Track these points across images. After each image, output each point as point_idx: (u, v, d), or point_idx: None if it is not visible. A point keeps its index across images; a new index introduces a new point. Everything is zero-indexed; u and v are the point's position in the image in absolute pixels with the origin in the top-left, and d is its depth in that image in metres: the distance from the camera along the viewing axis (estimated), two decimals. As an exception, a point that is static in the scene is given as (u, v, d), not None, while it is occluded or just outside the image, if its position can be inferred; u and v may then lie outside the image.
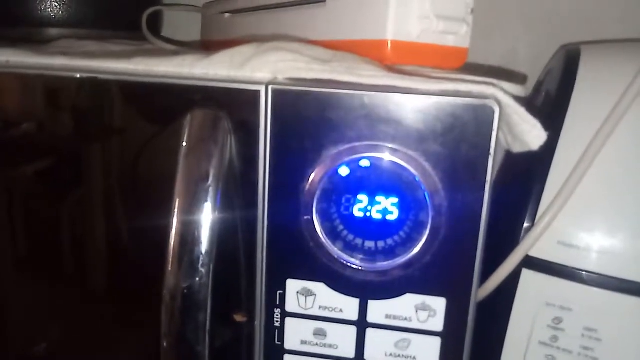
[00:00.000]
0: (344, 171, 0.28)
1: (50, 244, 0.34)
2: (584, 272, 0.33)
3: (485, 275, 0.34)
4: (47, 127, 0.32)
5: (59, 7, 0.46)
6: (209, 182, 0.27)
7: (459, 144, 0.27)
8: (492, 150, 0.27)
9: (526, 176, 0.37)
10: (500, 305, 0.35)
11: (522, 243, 0.34)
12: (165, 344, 0.27)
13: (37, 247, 0.35)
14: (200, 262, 0.26)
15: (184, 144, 0.28)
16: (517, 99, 0.28)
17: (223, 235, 0.28)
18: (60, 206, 0.33)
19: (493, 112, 0.26)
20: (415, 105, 0.27)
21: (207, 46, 0.55)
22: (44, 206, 0.34)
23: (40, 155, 0.33)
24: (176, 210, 0.27)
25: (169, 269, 0.26)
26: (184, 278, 0.26)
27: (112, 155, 0.32)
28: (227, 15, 0.49)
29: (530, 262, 0.34)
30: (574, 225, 0.34)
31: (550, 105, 0.39)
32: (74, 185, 0.33)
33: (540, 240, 0.34)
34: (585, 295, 0.33)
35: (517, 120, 0.29)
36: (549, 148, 0.35)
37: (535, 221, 0.34)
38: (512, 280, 0.35)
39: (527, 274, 0.35)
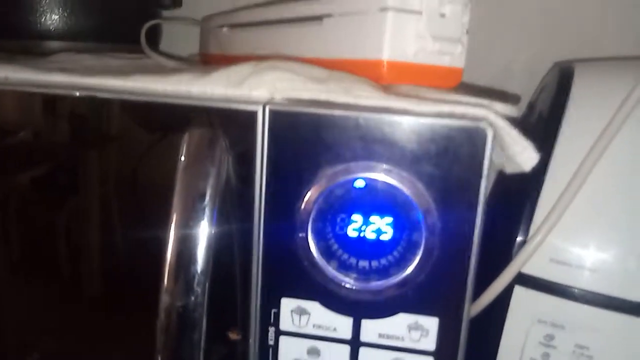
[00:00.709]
0: (339, 191, 0.28)
1: (48, 259, 0.34)
2: (575, 289, 0.33)
3: (478, 292, 0.34)
4: (45, 143, 0.32)
5: (58, 20, 0.46)
6: (206, 202, 0.27)
7: (453, 165, 0.27)
8: (484, 172, 0.27)
9: (519, 193, 0.37)
10: (492, 322, 0.36)
11: (514, 260, 0.34)
12: (159, 360, 0.27)
13: (34, 261, 0.35)
14: (196, 281, 0.26)
15: (181, 163, 0.28)
16: (510, 119, 0.29)
17: (219, 254, 0.28)
18: (58, 222, 0.34)
19: (486, 135, 0.27)
20: (410, 126, 0.27)
21: (206, 60, 0.55)
22: (41, 222, 0.34)
23: (38, 171, 0.33)
24: (172, 229, 0.27)
25: (165, 287, 0.26)
26: (179, 297, 0.26)
27: (110, 173, 0.32)
28: (225, 29, 0.49)
29: (523, 279, 0.34)
30: (566, 243, 0.34)
31: (544, 122, 0.39)
32: (72, 202, 0.33)
33: (533, 257, 0.34)
34: (577, 312, 0.33)
35: (509, 142, 0.29)
36: (542, 165, 0.35)
37: (528, 238, 0.35)
38: (505, 297, 0.35)
39: (519, 291, 0.35)
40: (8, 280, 0.35)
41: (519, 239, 0.35)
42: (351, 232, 0.29)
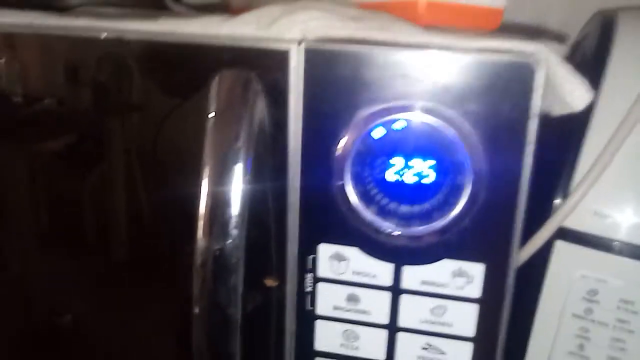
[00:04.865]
0: (378, 133, 0.27)
1: (78, 212, 0.34)
2: (620, 243, 0.32)
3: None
4: (72, 89, 0.31)
5: (78, -26, 0.45)
6: (239, 144, 0.26)
7: (500, 104, 0.26)
8: (534, 111, 0.26)
9: (561, 144, 0.36)
10: (532, 278, 0.35)
11: (556, 213, 0.33)
12: (197, 309, 0.27)
13: (65, 214, 0.35)
14: (232, 225, 0.25)
15: (213, 106, 0.27)
16: (560, 57, 0.27)
17: (254, 200, 0.27)
18: (89, 171, 0.33)
19: (535, 71, 0.25)
20: (453, 63, 0.26)
21: (229, 12, 0.53)
22: (73, 172, 0.34)
23: (67, 118, 0.32)
24: (207, 172, 0.26)
25: (200, 232, 0.26)
26: (215, 241, 0.25)
27: (141, 118, 0.31)
28: (249, -19, 0.47)
29: (565, 233, 0.33)
30: (610, 195, 0.33)
31: (586, 72, 0.37)
32: (103, 150, 0.32)
33: (575, 210, 0.33)
34: (622, 266, 0.32)
35: (560, 80, 0.27)
36: (585, 116, 0.34)
37: (570, 191, 0.33)
38: (545, 252, 0.33)
39: (560, 245, 0.34)
40: (42, 238, 0.35)
41: (561, 193, 0.34)
42: (391, 176, 0.27)
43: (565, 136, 0.35)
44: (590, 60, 0.37)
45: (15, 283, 0.37)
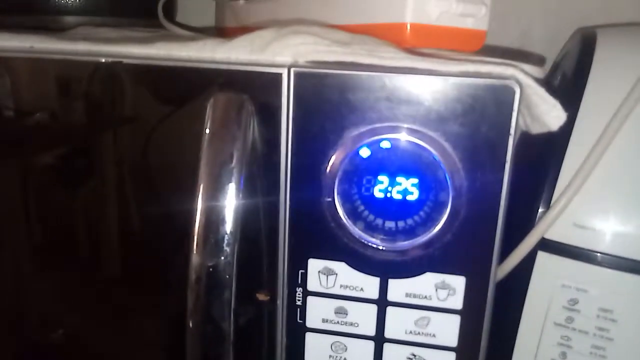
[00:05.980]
0: (364, 152, 0.28)
1: (72, 228, 0.35)
2: (599, 254, 0.33)
3: (501, 258, 0.34)
4: (71, 111, 0.32)
5: (76, -6, 0.46)
6: (233, 164, 0.27)
7: (479, 124, 0.27)
8: (512, 131, 0.27)
9: (542, 158, 0.37)
10: (516, 287, 0.36)
11: (537, 225, 0.34)
12: (191, 324, 0.27)
13: (59, 231, 0.35)
14: (225, 242, 0.27)
15: (208, 127, 0.28)
16: (536, 80, 0.28)
17: (246, 216, 0.28)
18: (85, 190, 0.34)
19: (513, 93, 0.27)
20: (435, 86, 0.27)
21: (222, 34, 0.55)
22: (69, 190, 0.34)
23: (66, 139, 0.33)
24: (201, 191, 0.27)
25: (195, 248, 0.27)
26: (209, 257, 0.27)
27: (137, 138, 0.32)
28: (241, 1, 0.49)
29: (546, 245, 0.34)
30: (589, 208, 0.34)
31: (567, 88, 0.39)
32: (99, 169, 0.33)
33: (556, 222, 0.34)
34: (601, 276, 0.33)
35: (536, 101, 0.29)
36: (566, 130, 0.35)
37: (551, 204, 0.34)
38: (528, 263, 0.35)
39: (542, 256, 0.35)
40: (33, 252, 0.36)
41: (542, 206, 0.35)
42: (377, 193, 0.29)
43: (548, 149, 0.37)
44: (571, 76, 0.39)
45: (6, 297, 0.37)
